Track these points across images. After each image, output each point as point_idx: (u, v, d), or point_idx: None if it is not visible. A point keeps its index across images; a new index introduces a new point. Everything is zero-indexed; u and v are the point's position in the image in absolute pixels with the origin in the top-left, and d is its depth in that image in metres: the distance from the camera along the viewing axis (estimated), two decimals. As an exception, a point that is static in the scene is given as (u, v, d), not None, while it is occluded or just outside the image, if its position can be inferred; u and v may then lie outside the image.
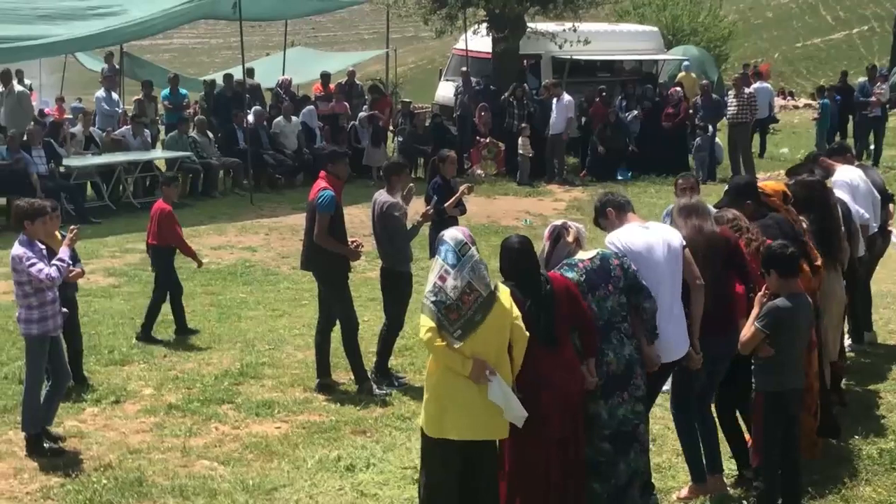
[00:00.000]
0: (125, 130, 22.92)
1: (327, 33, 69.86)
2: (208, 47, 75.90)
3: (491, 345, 6.63)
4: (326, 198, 10.24)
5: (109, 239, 17.69)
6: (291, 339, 12.28)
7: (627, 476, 7.22)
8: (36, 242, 8.78)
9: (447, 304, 6.52)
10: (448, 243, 6.66)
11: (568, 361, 6.88)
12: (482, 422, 6.68)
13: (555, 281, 6.97)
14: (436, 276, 6.62)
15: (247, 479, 8.33)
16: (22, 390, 9.10)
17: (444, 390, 6.71)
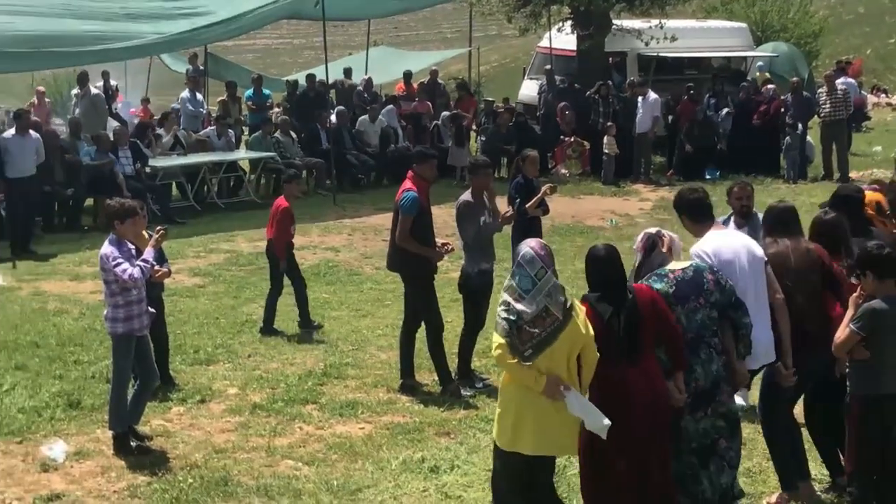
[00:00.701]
0: (210, 131, 23.20)
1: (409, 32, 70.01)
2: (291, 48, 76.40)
3: (562, 362, 6.61)
4: (409, 199, 10.28)
5: (194, 239, 17.92)
6: (375, 340, 12.35)
7: (711, 492, 7.14)
8: (125, 242, 8.92)
9: (519, 324, 6.51)
10: (524, 267, 6.59)
11: (650, 375, 6.82)
12: (554, 438, 6.70)
13: (639, 292, 6.91)
14: (509, 296, 6.60)
15: (331, 479, 8.39)
16: (109, 389, 9.28)
17: (519, 404, 6.71)
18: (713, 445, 7.15)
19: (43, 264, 16.33)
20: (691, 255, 7.44)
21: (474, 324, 10.79)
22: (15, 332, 12.36)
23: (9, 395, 10.25)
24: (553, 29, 27.62)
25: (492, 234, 10.91)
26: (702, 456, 7.12)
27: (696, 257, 7.42)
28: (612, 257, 6.92)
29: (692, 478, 7.11)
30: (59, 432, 9.35)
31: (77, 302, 13.94)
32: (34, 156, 17.51)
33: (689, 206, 7.83)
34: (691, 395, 7.01)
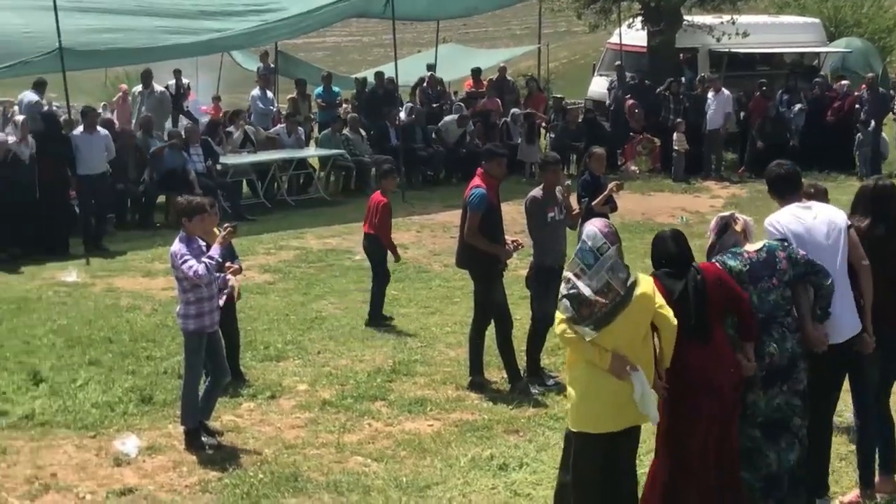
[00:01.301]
0: (280, 129, 23.36)
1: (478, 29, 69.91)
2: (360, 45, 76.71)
3: (630, 337, 6.59)
4: (477, 196, 10.30)
5: (264, 236, 18.05)
6: (443, 337, 12.36)
7: (777, 467, 7.10)
8: (195, 239, 9.00)
9: (580, 300, 6.50)
10: (587, 243, 6.61)
11: (719, 351, 6.80)
12: (625, 411, 6.65)
13: (705, 271, 6.91)
14: (572, 272, 6.62)
15: (400, 476, 8.42)
16: (181, 385, 9.38)
17: (586, 382, 6.70)
18: (786, 422, 7.10)
19: (116, 261, 16.55)
20: (765, 226, 7.40)
21: (542, 321, 10.74)
22: (89, 328, 12.53)
23: (83, 389, 10.39)
24: (623, 25, 27.50)
25: (562, 230, 10.89)
26: (770, 431, 7.08)
27: (767, 227, 7.38)
28: (676, 237, 6.99)
29: (756, 452, 7.08)
30: (132, 427, 9.46)
31: (149, 298, 14.10)
32: (103, 153, 17.73)
33: (772, 181, 7.77)
34: (765, 371, 6.98)
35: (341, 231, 18.73)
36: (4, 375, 10.82)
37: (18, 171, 16.66)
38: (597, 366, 6.58)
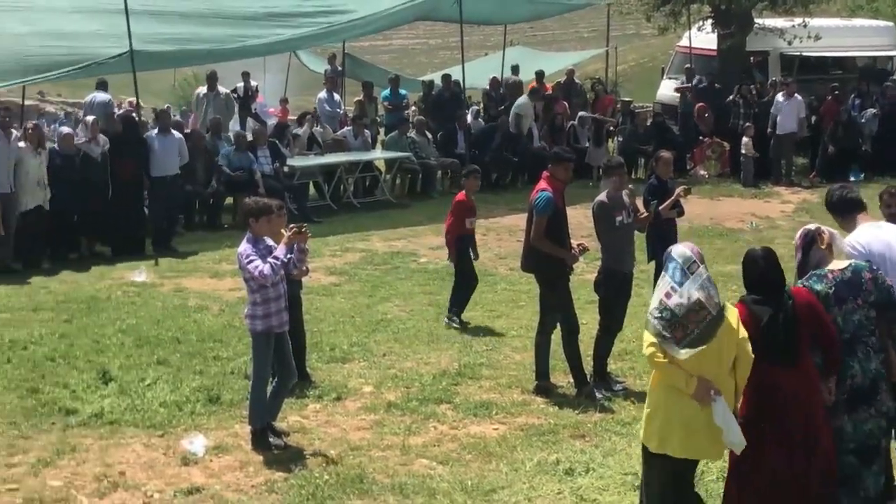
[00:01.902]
0: (346, 131, 23.48)
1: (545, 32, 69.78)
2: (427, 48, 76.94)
3: (714, 364, 6.55)
4: (543, 199, 10.30)
5: (330, 238, 18.14)
6: (509, 341, 12.36)
7: (874, 490, 7.02)
8: (262, 240, 9.07)
9: (672, 321, 6.46)
10: (676, 260, 6.58)
11: (807, 377, 6.73)
12: (703, 442, 6.64)
13: (797, 296, 6.84)
14: (662, 293, 6.56)
15: (465, 479, 8.43)
16: (248, 385, 9.46)
17: (668, 406, 6.68)
18: (878, 446, 7.03)
19: (184, 262, 16.73)
20: (845, 248, 7.32)
21: (610, 326, 10.73)
22: (157, 328, 12.68)
23: (151, 389, 10.52)
24: (693, 28, 27.32)
25: (630, 234, 10.86)
26: (864, 456, 6.99)
27: (848, 247, 7.31)
28: (770, 260, 6.89)
29: (855, 478, 6.99)
30: (199, 427, 9.56)
31: (217, 299, 14.24)
32: (177, 155, 17.95)
33: (834, 204, 7.71)
34: (847, 393, 6.91)
35: (407, 234, 18.79)
36: (74, 374, 10.99)
37: (89, 170, 16.90)
38: (681, 392, 6.56)
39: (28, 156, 16.09)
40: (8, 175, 15.87)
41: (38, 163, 16.19)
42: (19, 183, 16.03)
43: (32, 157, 16.13)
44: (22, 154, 16.07)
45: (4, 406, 10.10)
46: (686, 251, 6.62)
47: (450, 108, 24.32)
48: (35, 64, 18.38)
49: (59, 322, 13.06)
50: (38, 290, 14.78)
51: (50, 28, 19.15)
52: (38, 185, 16.19)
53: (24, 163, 16.04)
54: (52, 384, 10.67)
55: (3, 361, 11.42)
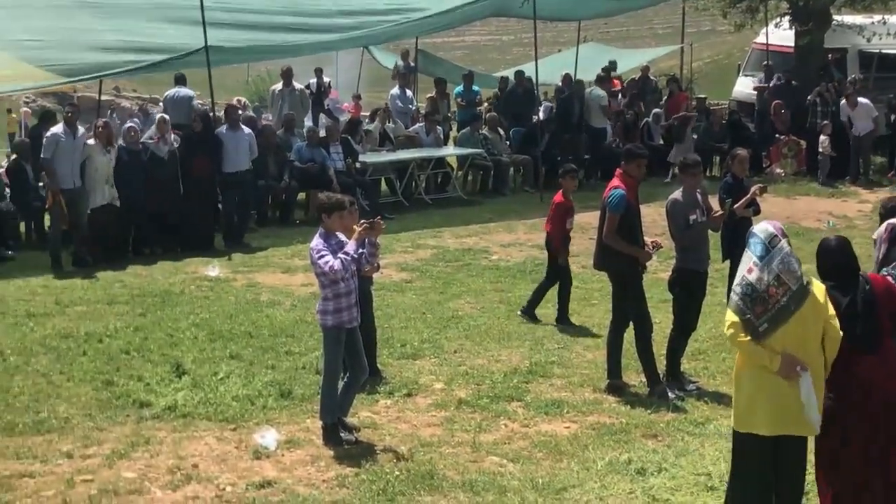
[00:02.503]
0: (418, 127, 23.54)
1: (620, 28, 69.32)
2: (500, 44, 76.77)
3: (800, 340, 6.54)
4: (617, 197, 10.26)
5: (402, 235, 18.20)
6: (581, 339, 12.34)
7: None
8: (334, 235, 9.13)
9: (753, 296, 6.47)
10: (758, 236, 6.64)
11: (886, 363, 6.67)
12: (793, 416, 6.61)
13: (874, 282, 6.81)
14: (744, 268, 6.60)
15: (536, 477, 8.42)
16: (319, 380, 9.52)
17: (754, 384, 6.67)
18: None
19: (256, 257, 16.88)
20: None
21: (684, 325, 10.66)
22: (230, 322, 12.81)
23: (223, 382, 10.64)
24: (770, 24, 27.03)
25: (704, 233, 10.78)
26: None
27: None
28: (844, 247, 6.91)
29: None
30: (271, 421, 9.65)
31: (289, 294, 14.36)
32: (247, 151, 18.10)
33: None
34: None
35: (478, 231, 18.81)
36: (149, 367, 11.15)
37: (156, 168, 17.12)
38: (765, 370, 6.55)
39: (97, 153, 16.34)
40: (73, 170, 16.13)
41: (106, 160, 16.43)
42: (88, 180, 16.30)
43: (101, 154, 16.37)
44: (91, 151, 16.33)
45: (80, 398, 10.27)
46: (769, 227, 6.68)
47: (522, 105, 24.25)
48: (111, 59, 18.65)
49: (133, 315, 13.25)
50: (113, 283, 15.00)
51: (125, 23, 19.42)
52: (107, 183, 16.44)
53: (92, 160, 16.32)
54: (127, 377, 10.84)
55: (78, 354, 11.62)
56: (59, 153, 15.99)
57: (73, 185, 16.13)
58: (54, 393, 10.43)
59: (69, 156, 16.11)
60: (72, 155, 16.13)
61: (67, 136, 16.18)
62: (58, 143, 16.01)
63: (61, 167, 16.02)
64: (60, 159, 16.02)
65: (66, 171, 16.02)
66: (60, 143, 16.03)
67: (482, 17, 27.59)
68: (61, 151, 15.98)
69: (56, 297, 14.11)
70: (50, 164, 16.01)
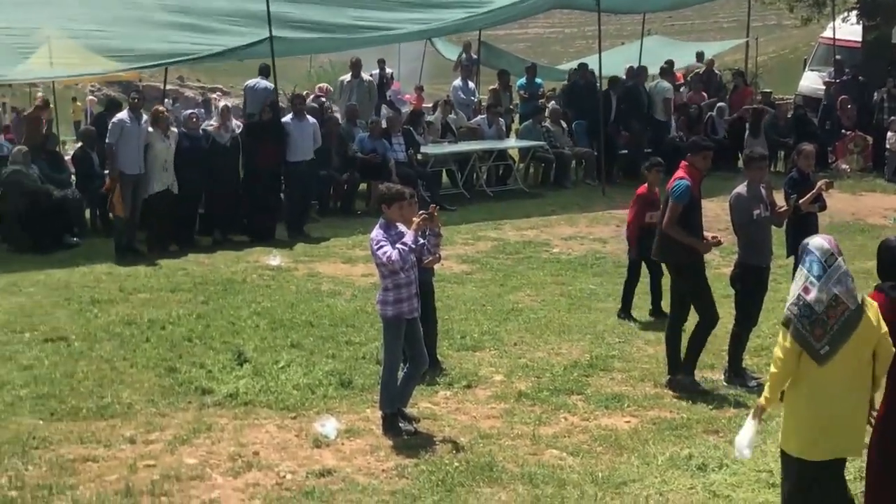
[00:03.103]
0: (480, 119, 23.52)
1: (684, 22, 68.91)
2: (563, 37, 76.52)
3: (856, 359, 6.42)
4: (681, 187, 10.21)
5: (462, 227, 18.20)
6: (642, 333, 12.29)
7: None
8: (395, 226, 9.14)
9: (812, 318, 6.34)
10: (814, 253, 6.46)
11: None
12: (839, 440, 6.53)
13: None
14: (799, 287, 6.45)
15: (596, 471, 8.40)
16: (380, 370, 9.55)
17: (801, 408, 6.55)
18: None
19: (318, 247, 16.96)
20: None
21: (746, 320, 10.58)
22: (291, 311, 12.89)
23: (284, 371, 10.71)
24: (837, 19, 26.72)
25: (768, 228, 10.68)
26: None
27: None
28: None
29: None
30: (331, 410, 9.70)
31: (349, 284, 14.42)
32: (311, 140, 18.17)
33: None
34: None
35: (539, 223, 18.78)
36: (210, 354, 11.25)
37: (217, 157, 17.23)
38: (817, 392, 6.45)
39: (156, 139, 16.47)
40: (138, 156, 16.28)
41: (164, 146, 16.54)
42: (147, 166, 16.43)
43: (160, 140, 16.50)
44: (150, 137, 16.46)
45: (143, 384, 10.39)
46: (824, 244, 6.49)
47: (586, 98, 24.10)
48: (175, 48, 18.83)
49: (196, 303, 13.38)
50: (176, 271, 15.14)
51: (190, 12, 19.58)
52: (165, 169, 16.56)
53: (152, 146, 16.44)
54: (189, 364, 10.95)
55: (142, 340, 11.75)
56: (123, 139, 16.16)
57: (139, 171, 16.30)
58: (118, 379, 10.56)
59: (134, 142, 16.27)
60: (137, 141, 16.28)
61: (132, 121, 16.35)
62: (122, 129, 16.20)
63: (126, 153, 16.19)
64: (125, 145, 16.19)
65: (132, 157, 16.20)
66: (125, 129, 16.21)
67: (546, 9, 27.50)
68: (126, 137, 16.16)
69: (120, 285, 14.28)
70: (113, 149, 16.18)
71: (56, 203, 17.14)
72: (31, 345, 11.70)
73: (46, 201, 17.09)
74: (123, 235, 16.38)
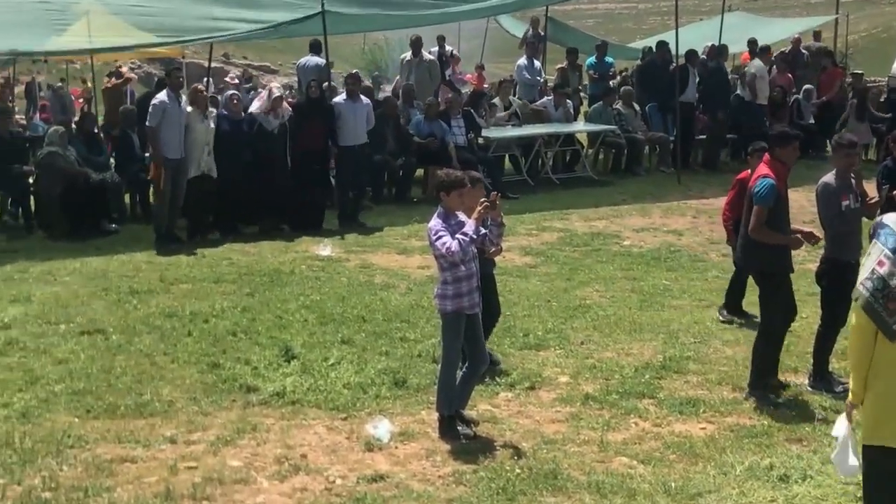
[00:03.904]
0: (546, 101, 23.44)
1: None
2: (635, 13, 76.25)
3: None
4: (766, 187, 9.99)
5: (526, 216, 18.18)
6: (719, 333, 12.18)
7: None
8: (454, 215, 9.08)
9: (885, 292, 6.27)
10: (889, 227, 6.40)
11: None
12: None
13: None
14: (874, 261, 6.39)
15: (668, 481, 8.34)
16: (436, 369, 9.55)
17: (881, 389, 6.46)
18: None
19: (371, 236, 17.02)
20: None
21: (833, 320, 10.44)
22: (342, 305, 12.93)
23: (335, 369, 10.73)
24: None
25: (857, 220, 10.54)
26: None
27: None
28: None
29: None
30: (384, 411, 9.69)
31: (404, 277, 14.45)
32: (365, 123, 18.18)
33: None
34: None
35: (609, 213, 18.72)
36: (256, 350, 11.31)
37: (263, 143, 17.31)
38: None
39: (195, 120, 16.57)
40: (179, 139, 16.40)
41: (204, 127, 16.66)
42: (187, 148, 16.55)
43: (199, 121, 16.60)
44: (189, 119, 16.56)
45: (185, 381, 10.47)
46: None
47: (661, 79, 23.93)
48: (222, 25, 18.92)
49: (241, 295, 13.47)
50: (220, 261, 15.26)
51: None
52: (205, 152, 16.67)
53: (191, 128, 16.55)
54: (234, 360, 11.01)
55: (184, 334, 11.85)
56: (164, 121, 16.26)
57: (180, 156, 16.40)
58: (158, 374, 10.65)
59: (175, 124, 16.38)
60: (178, 123, 16.38)
61: (173, 101, 16.44)
62: (164, 111, 16.29)
63: (167, 136, 16.30)
64: (167, 128, 16.29)
65: (173, 140, 16.32)
66: (167, 110, 16.31)
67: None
68: (167, 119, 16.26)
69: (160, 274, 14.41)
70: (156, 132, 16.29)
71: (94, 187, 17.33)
72: (66, 337, 11.83)
73: (84, 185, 17.29)
74: (164, 222, 16.50)
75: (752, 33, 28.44)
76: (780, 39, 30.67)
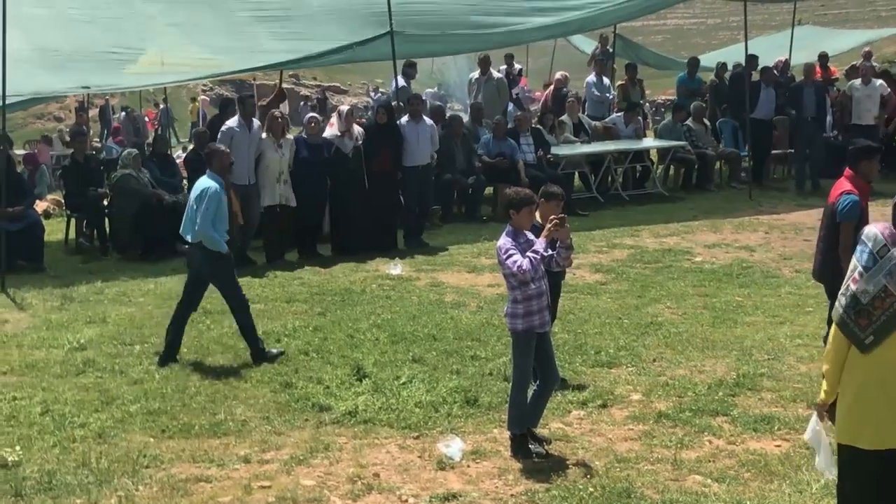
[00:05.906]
0: (616, 117, 23.39)
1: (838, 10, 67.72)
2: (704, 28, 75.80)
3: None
4: (850, 203, 9.85)
5: (596, 233, 18.13)
6: (793, 350, 12.04)
7: None
8: (523, 233, 9.06)
9: (857, 308, 6.35)
10: (866, 244, 6.42)
11: None
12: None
13: None
14: (849, 278, 6.47)
15: (743, 499, 8.24)
16: (507, 387, 9.52)
17: (856, 391, 6.51)
18: None
19: (440, 255, 17.04)
20: None
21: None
22: (413, 324, 12.95)
23: (406, 388, 10.73)
24: None
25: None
26: None
27: None
28: None
29: None
30: (456, 430, 9.67)
31: (474, 295, 14.44)
32: (429, 144, 18.23)
33: None
34: None
35: (680, 230, 18.61)
36: (328, 369, 11.35)
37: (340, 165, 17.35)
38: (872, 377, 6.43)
39: (269, 149, 16.67)
40: (248, 166, 16.51)
41: (278, 157, 16.73)
42: (259, 177, 16.67)
43: (273, 150, 16.69)
44: (263, 146, 16.66)
45: (258, 400, 10.53)
46: (878, 234, 6.42)
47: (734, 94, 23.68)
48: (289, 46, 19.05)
49: (312, 315, 13.53)
50: (292, 281, 15.34)
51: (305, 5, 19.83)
52: (279, 181, 16.74)
53: (264, 156, 16.66)
54: (306, 379, 11.05)
55: (256, 354, 11.92)
56: (233, 147, 16.34)
57: (248, 182, 16.52)
58: (231, 394, 10.72)
59: (244, 150, 16.47)
60: (247, 150, 16.50)
61: (242, 129, 16.58)
62: (232, 137, 16.41)
63: (235, 162, 16.39)
64: (234, 154, 16.35)
65: (241, 167, 16.31)
66: (235, 137, 16.44)
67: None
68: (235, 145, 16.28)
69: (233, 295, 14.50)
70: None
71: (167, 208, 17.49)
72: (141, 358, 11.96)
73: (157, 207, 17.48)
74: (236, 242, 16.62)
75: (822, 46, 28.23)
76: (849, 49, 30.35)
